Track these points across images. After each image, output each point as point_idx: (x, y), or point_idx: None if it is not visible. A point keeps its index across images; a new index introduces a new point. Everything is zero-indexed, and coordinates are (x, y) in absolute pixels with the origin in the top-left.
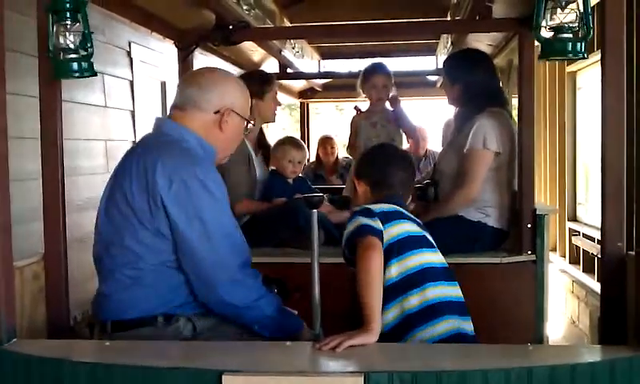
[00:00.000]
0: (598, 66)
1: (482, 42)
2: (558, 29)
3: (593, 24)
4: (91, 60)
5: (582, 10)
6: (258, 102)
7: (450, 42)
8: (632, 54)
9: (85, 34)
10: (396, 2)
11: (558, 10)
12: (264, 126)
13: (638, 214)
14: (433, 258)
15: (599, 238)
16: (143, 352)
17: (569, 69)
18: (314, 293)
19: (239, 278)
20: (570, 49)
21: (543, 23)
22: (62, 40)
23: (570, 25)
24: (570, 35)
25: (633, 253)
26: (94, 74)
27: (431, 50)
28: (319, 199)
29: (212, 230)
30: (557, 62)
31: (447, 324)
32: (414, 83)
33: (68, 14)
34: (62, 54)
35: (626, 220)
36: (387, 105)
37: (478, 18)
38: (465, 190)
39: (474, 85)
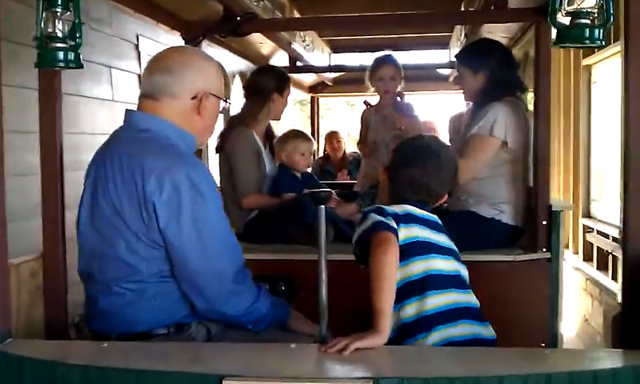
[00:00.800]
0: (614, 59)
1: (496, 33)
2: (575, 14)
3: (614, 11)
4: (79, 51)
5: None
6: (278, 98)
7: (463, 35)
8: None
9: (75, 23)
10: None
11: None
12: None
13: None
14: (441, 264)
15: (614, 235)
16: (141, 354)
17: (584, 62)
18: (321, 292)
19: (237, 290)
20: (587, 35)
21: (560, 8)
22: (50, 28)
23: (589, 10)
24: (588, 21)
25: None
26: (80, 65)
27: (443, 44)
28: (326, 195)
29: (207, 241)
30: (572, 55)
31: (441, 333)
32: (426, 76)
33: (59, 1)
34: (48, 43)
35: None
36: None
37: (493, 8)
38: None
39: (497, 72)
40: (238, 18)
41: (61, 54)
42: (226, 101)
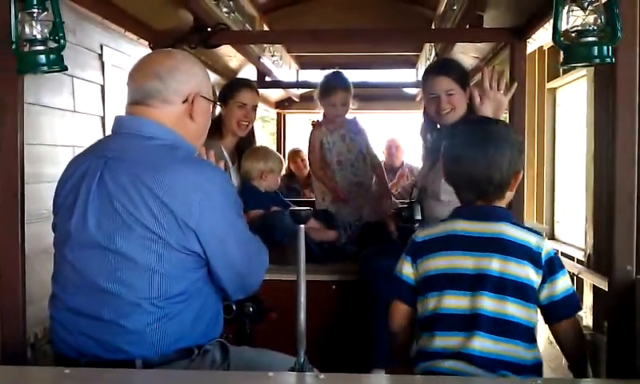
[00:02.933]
0: (578, 83)
1: (468, 53)
2: (579, 33)
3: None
4: (62, 53)
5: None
6: (224, 109)
7: (433, 54)
8: None
9: (56, 23)
10: (378, 13)
11: (578, 12)
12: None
13: None
14: (457, 302)
15: (579, 258)
16: (108, 381)
17: (549, 85)
18: (300, 317)
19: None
20: (596, 54)
21: (563, 26)
22: (27, 30)
23: (595, 27)
24: (595, 39)
25: None
26: (64, 68)
27: (411, 63)
28: (307, 213)
29: (240, 233)
30: (537, 78)
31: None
32: (393, 95)
33: (35, 2)
34: (28, 46)
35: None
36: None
37: (468, 27)
38: None
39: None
40: (209, 29)
41: (42, 58)
42: (215, 103)
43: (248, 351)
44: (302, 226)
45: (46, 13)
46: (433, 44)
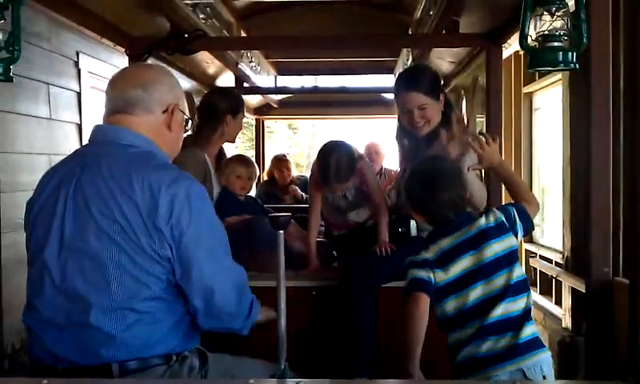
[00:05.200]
0: (555, 88)
1: (444, 59)
2: (546, 37)
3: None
4: (11, 65)
5: (571, 17)
6: (231, 120)
7: (410, 60)
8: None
9: (15, 34)
10: (356, 19)
11: (546, 17)
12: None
13: (627, 238)
14: (477, 293)
15: (557, 260)
16: None
17: (525, 90)
18: (280, 323)
19: (244, 299)
20: (560, 59)
21: (530, 31)
22: None
23: (561, 33)
24: (561, 44)
25: (624, 280)
26: (9, 79)
27: (389, 69)
28: (286, 219)
29: (216, 248)
30: (513, 83)
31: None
32: (371, 101)
33: None
34: None
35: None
36: None
37: (444, 32)
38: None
39: (445, 98)
40: (186, 36)
41: None
42: (190, 118)
43: (227, 359)
44: (281, 231)
45: (3, 21)
46: (410, 49)
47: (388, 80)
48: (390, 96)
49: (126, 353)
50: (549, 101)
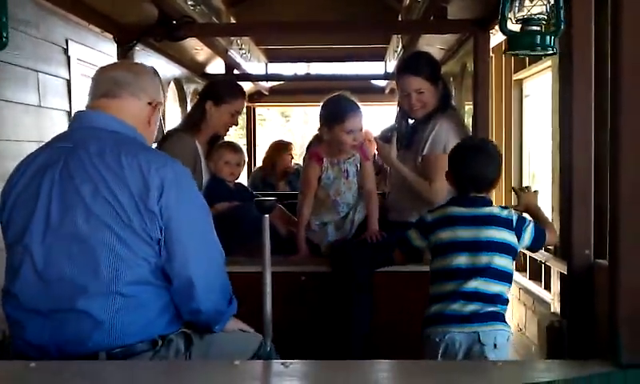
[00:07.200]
0: (545, 74)
1: (433, 45)
2: (526, 21)
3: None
4: None
5: (552, 2)
6: (211, 107)
7: (400, 47)
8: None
9: (2, 21)
10: (346, 6)
11: (526, 1)
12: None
13: (610, 220)
14: (462, 259)
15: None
16: (74, 373)
17: (515, 77)
18: (266, 306)
19: (225, 289)
20: (538, 42)
21: (510, 15)
22: None
23: (540, 16)
24: (539, 28)
25: (604, 261)
26: None
27: (379, 56)
28: (271, 203)
29: (204, 234)
30: (503, 69)
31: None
32: (361, 88)
33: None
34: None
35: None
36: None
37: (432, 18)
38: (434, 196)
39: (445, 83)
40: (174, 22)
41: None
42: (160, 122)
43: (211, 336)
44: (267, 215)
45: None
46: (400, 36)
47: (379, 67)
48: (381, 83)
49: (113, 339)
50: (539, 88)
